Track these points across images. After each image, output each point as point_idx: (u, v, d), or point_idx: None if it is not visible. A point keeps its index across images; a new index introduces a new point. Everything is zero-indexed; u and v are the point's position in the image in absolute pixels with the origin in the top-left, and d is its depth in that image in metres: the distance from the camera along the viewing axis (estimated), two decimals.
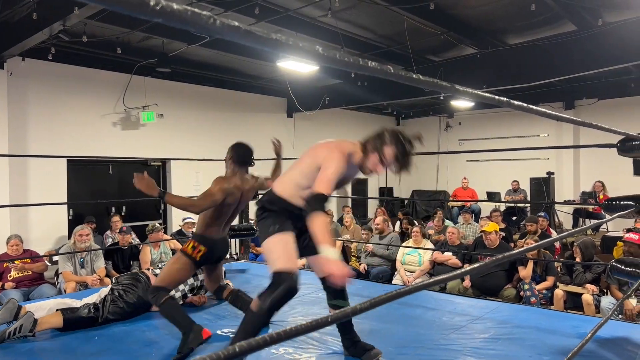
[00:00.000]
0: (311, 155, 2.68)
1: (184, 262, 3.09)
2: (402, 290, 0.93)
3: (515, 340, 3.05)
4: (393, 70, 0.85)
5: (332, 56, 0.74)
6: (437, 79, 4.68)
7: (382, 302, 0.88)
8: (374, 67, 0.81)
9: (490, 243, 5.44)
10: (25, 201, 6.91)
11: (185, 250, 3.11)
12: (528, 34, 7.38)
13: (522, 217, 10.11)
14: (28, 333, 2.98)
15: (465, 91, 1.05)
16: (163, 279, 3.02)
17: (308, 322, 0.76)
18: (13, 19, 5.82)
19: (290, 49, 0.70)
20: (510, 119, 12.32)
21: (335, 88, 9.86)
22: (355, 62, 0.77)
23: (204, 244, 3.11)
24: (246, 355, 0.66)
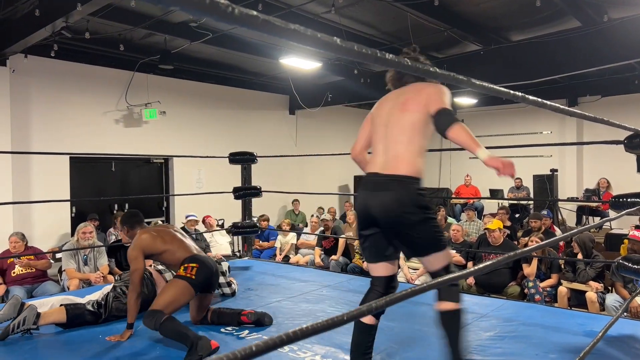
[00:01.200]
0: (412, 106, 2.24)
1: (181, 284, 2.95)
2: (417, 289, 0.92)
3: (521, 338, 3.03)
4: (410, 63, 0.83)
5: (350, 47, 0.73)
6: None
7: (397, 300, 0.86)
8: (391, 59, 0.80)
9: (495, 240, 5.42)
10: (28, 199, 6.92)
11: (179, 274, 3.00)
12: (532, 31, 7.35)
13: (525, 214, 10.09)
14: (32, 326, 2.99)
15: (481, 85, 1.03)
16: (160, 304, 2.86)
17: (325, 320, 0.74)
18: (15, 15, 5.81)
19: (308, 39, 0.68)
20: (513, 116, 12.29)
21: (338, 85, 9.84)
22: (372, 53, 0.76)
23: (193, 261, 3.02)
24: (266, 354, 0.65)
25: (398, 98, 2.34)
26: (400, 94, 2.36)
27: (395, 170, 2.19)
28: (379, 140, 2.33)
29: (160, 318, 2.74)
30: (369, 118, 2.45)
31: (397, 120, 2.27)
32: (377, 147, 2.34)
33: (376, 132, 2.36)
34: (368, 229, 2.29)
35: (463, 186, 11.68)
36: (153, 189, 8.85)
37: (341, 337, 3.03)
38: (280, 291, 4.25)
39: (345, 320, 0.73)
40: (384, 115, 2.34)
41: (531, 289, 5.10)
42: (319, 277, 4.91)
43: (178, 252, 3.08)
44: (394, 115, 2.29)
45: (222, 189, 6.01)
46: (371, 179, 2.28)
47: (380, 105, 2.41)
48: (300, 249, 7.74)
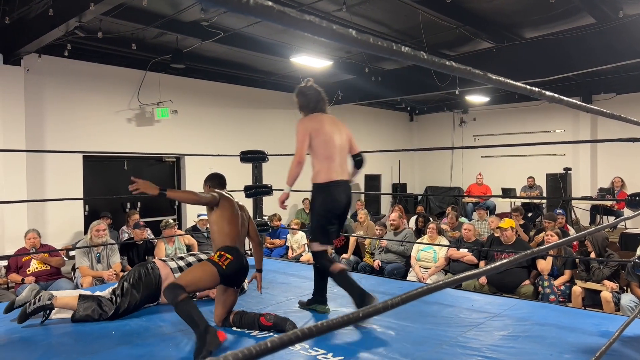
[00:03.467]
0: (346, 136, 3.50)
1: (209, 269, 2.97)
2: (432, 286, 0.90)
3: (535, 338, 3.00)
4: (426, 57, 0.82)
5: (365, 40, 0.71)
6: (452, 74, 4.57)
7: (413, 298, 0.85)
8: (408, 52, 0.78)
9: (507, 240, 5.37)
10: (42, 197, 6.99)
11: (212, 259, 3.04)
12: (545, 28, 7.26)
13: (538, 213, 9.99)
14: (47, 302, 3.15)
15: (497, 79, 1.01)
16: (184, 280, 2.90)
17: (340, 317, 0.73)
18: (29, 15, 5.87)
19: (323, 31, 0.67)
20: (526, 114, 12.18)
21: (348, 83, 9.82)
22: (388, 46, 0.74)
23: (230, 253, 3.04)
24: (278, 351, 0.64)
25: (335, 124, 3.38)
26: (333, 121, 3.39)
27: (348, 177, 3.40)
28: (337, 153, 3.29)
29: (179, 295, 2.76)
30: (309, 133, 3.22)
31: (344, 143, 3.38)
32: (336, 159, 3.27)
33: (330, 147, 3.26)
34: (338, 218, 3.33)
35: (475, 185, 11.60)
36: (165, 187, 8.87)
37: (353, 336, 3.02)
38: (291, 289, 4.25)
39: (361, 317, 0.72)
40: (332, 134, 3.28)
41: (545, 289, 5.05)
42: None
43: (227, 235, 3.10)
44: (339, 138, 3.33)
45: (234, 188, 6.01)
46: (342, 183, 3.29)
47: (322, 125, 3.27)
48: None
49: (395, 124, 14.00)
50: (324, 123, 3.27)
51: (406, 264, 6.23)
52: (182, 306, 2.76)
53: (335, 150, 3.25)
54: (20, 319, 3.17)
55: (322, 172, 3.23)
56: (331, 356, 2.73)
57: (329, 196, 3.23)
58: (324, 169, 3.23)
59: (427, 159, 14.33)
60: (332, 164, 3.22)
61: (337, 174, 3.22)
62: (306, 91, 3.42)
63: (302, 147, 3.19)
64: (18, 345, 2.89)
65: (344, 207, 3.29)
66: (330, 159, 3.22)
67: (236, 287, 3.21)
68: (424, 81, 8.51)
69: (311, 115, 3.35)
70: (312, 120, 3.30)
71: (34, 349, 2.82)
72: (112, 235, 6.89)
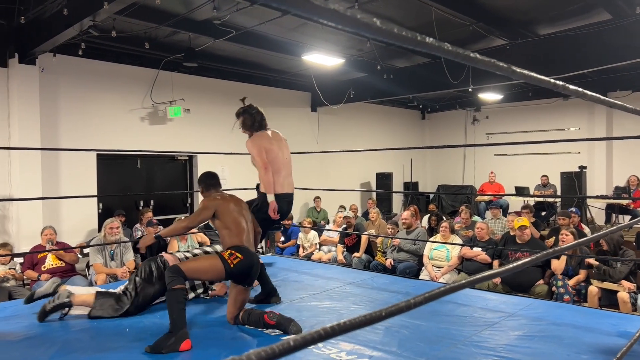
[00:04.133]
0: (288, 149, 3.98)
1: (217, 264, 3.03)
2: (455, 285, 0.89)
3: (551, 338, 2.96)
4: (450, 48, 0.80)
5: (390, 30, 0.70)
6: (465, 71, 4.60)
7: (436, 297, 0.84)
8: (432, 43, 0.76)
9: (522, 238, 5.31)
10: (57, 195, 7.07)
11: (222, 255, 3.09)
12: (560, 24, 7.16)
13: (552, 212, 9.88)
14: (65, 300, 3.23)
15: (521, 72, 0.99)
16: (187, 266, 3.00)
17: (362, 315, 0.72)
18: (44, 15, 5.92)
19: (347, 20, 0.65)
20: (540, 112, 12.04)
21: (360, 81, 9.78)
22: (413, 37, 0.73)
23: (241, 252, 3.08)
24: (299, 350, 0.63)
25: (279, 140, 3.84)
26: (276, 137, 3.84)
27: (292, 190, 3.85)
28: (283, 167, 3.73)
29: (176, 282, 2.88)
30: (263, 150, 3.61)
31: (288, 157, 3.83)
32: (282, 173, 3.70)
33: (277, 162, 3.68)
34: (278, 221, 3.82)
35: (487, 184, 11.50)
36: (178, 185, 8.95)
37: (366, 335, 3.00)
38: (303, 288, 4.25)
39: (384, 316, 0.70)
40: (277, 151, 3.71)
41: (560, 288, 4.98)
42: (342, 274, 4.89)
43: (235, 236, 3.15)
44: (283, 153, 3.78)
45: (245, 186, 6.03)
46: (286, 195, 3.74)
47: (270, 142, 3.69)
48: (323, 246, 7.73)
49: (407, 122, 13.93)
50: (271, 140, 3.70)
51: (418, 263, 6.19)
52: (173, 295, 2.87)
53: (281, 164, 3.68)
54: (40, 316, 3.23)
55: (270, 184, 3.62)
56: (344, 355, 2.72)
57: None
58: (271, 181, 3.63)
59: (439, 157, 14.24)
60: (278, 178, 3.65)
61: (282, 187, 3.67)
62: (251, 111, 3.76)
63: (262, 157, 3.59)
64: (35, 341, 2.92)
65: (284, 214, 3.78)
66: (277, 173, 3.64)
67: (247, 285, 3.22)
68: (437, 79, 8.44)
69: (258, 133, 3.70)
70: (261, 138, 3.67)
71: (50, 345, 2.84)
72: (125, 233, 6.94)
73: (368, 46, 7.60)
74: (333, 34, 7.32)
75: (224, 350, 2.84)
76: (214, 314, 3.47)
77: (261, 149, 3.59)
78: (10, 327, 3.16)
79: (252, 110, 3.75)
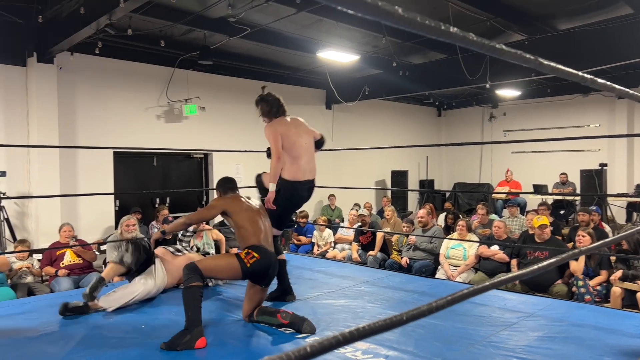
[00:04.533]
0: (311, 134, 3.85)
1: (233, 263, 3.05)
2: (478, 287, 0.85)
3: (572, 339, 2.89)
4: (475, 38, 0.76)
5: (412, 18, 0.66)
6: (482, 67, 4.51)
7: (460, 299, 0.80)
8: (456, 33, 0.73)
9: (541, 237, 5.22)
10: (74, 192, 7.15)
11: (239, 254, 3.10)
12: (580, 19, 7.02)
13: (571, 210, 9.71)
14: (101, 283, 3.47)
15: (549, 65, 0.95)
16: (204, 265, 3.03)
17: (383, 320, 0.69)
18: (62, 14, 5.98)
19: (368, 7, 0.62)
20: (558, 108, 11.84)
21: (375, 78, 9.71)
22: (436, 26, 0.69)
23: (258, 252, 3.08)
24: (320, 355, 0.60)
25: (299, 126, 3.72)
26: (297, 123, 3.73)
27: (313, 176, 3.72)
28: (303, 153, 3.62)
29: (193, 280, 2.90)
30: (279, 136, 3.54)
31: (309, 143, 3.71)
32: (302, 158, 3.60)
33: (297, 148, 3.58)
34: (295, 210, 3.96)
35: (504, 182, 11.35)
36: (193, 183, 9.00)
37: (382, 334, 2.97)
38: (318, 286, 4.23)
39: (405, 320, 0.67)
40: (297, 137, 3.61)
41: (580, 288, 4.87)
42: (357, 272, 4.86)
43: (252, 236, 3.16)
44: (304, 139, 3.66)
45: None
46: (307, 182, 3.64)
47: (288, 128, 3.60)
48: (338, 244, 7.70)
49: (422, 119, 13.81)
50: (289, 126, 3.64)
51: (435, 261, 6.12)
52: (190, 292, 2.89)
53: (301, 150, 3.62)
54: (61, 310, 3.31)
55: (290, 170, 3.58)
56: (360, 354, 2.69)
57: (295, 192, 3.60)
58: (292, 168, 3.58)
59: (455, 155, 14.09)
60: (299, 164, 3.59)
61: (303, 174, 3.61)
62: (267, 98, 3.72)
63: (278, 146, 3.53)
64: (53, 337, 2.94)
65: (304, 201, 3.76)
66: (297, 159, 3.59)
67: (264, 285, 3.20)
68: (453, 75, 8.34)
69: (276, 119, 3.67)
70: (279, 124, 3.63)
71: (67, 341, 2.86)
72: (142, 230, 6.99)
73: (383, 42, 7.52)
74: (348, 31, 7.27)
75: (239, 348, 2.83)
76: (229, 312, 3.47)
77: (277, 135, 3.54)
78: (29, 323, 3.19)
79: (268, 97, 3.72)
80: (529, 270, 0.98)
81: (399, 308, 3.52)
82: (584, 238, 5.04)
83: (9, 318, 3.27)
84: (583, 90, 10.88)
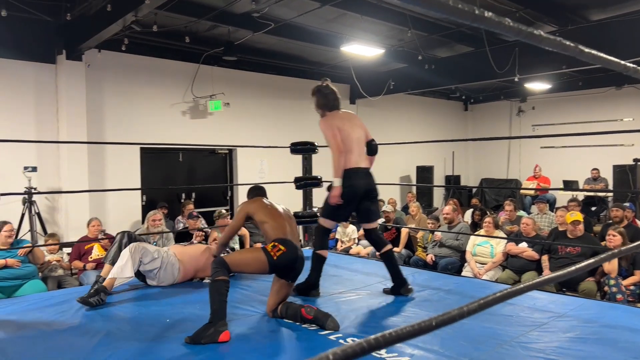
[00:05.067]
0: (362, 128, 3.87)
1: (260, 256, 3.06)
2: (512, 290, 0.80)
3: (605, 341, 2.78)
4: (512, 24, 0.71)
5: (445, 2, 0.62)
6: (511, 60, 4.37)
7: (492, 303, 0.75)
8: (491, 17, 0.68)
9: (574, 234, 5.06)
10: (102, 187, 7.28)
11: (266, 248, 3.11)
12: (613, 9, 6.77)
13: (603, 207, 9.43)
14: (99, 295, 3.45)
15: (589, 53, 0.89)
16: (231, 259, 3.06)
17: (411, 325, 0.65)
18: (89, 11, 6.07)
19: None
20: (590, 102, 11.49)
21: (400, 72, 9.59)
22: (470, 10, 0.64)
23: (284, 245, 3.08)
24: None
25: (351, 120, 3.76)
26: (349, 116, 3.80)
27: (368, 165, 3.72)
28: (356, 146, 3.61)
29: (219, 274, 2.90)
30: (336, 129, 3.54)
31: (361, 137, 3.71)
32: (355, 151, 3.59)
33: (349, 141, 3.57)
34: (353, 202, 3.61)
35: (532, 177, 11.09)
36: (218, 178, 9.07)
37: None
38: (342, 282, 4.19)
39: (434, 325, 0.63)
40: (350, 130, 3.62)
41: (612, 287, 4.72)
42: (381, 269, 4.77)
43: (277, 230, 3.18)
44: (356, 132, 3.68)
45: (284, 179, 6.02)
46: (361, 170, 3.61)
47: (342, 122, 3.62)
48: (362, 240, 7.64)
49: (449, 113, 13.60)
50: (343, 120, 3.64)
51: (461, 259, 6.02)
52: (215, 286, 2.89)
53: (354, 143, 3.59)
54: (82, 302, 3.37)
55: (343, 161, 3.55)
56: (384, 352, 2.64)
57: (347, 180, 3.50)
58: (344, 159, 3.54)
59: (482, 150, 13.84)
60: (352, 156, 3.56)
61: (356, 163, 3.56)
62: (324, 90, 3.69)
63: (336, 140, 3.50)
64: (80, 330, 2.99)
65: (363, 192, 3.59)
66: (349, 152, 3.55)
67: (290, 280, 3.19)
68: (481, 68, 8.16)
69: (330, 113, 3.66)
70: (333, 117, 3.63)
71: (94, 334, 2.90)
72: (167, 225, 7.08)
73: (409, 35, 7.41)
74: (373, 24, 7.19)
75: (262, 343, 2.82)
76: (253, 307, 3.46)
77: (335, 130, 3.52)
78: (58, 316, 3.25)
79: (325, 90, 3.68)
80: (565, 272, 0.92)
81: (425, 306, 3.45)
82: (615, 238, 4.87)
83: (38, 311, 3.34)
84: (616, 83, 10.53)
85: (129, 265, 3.58)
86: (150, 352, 2.66)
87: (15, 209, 6.15)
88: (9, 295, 4.30)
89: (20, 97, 6.70)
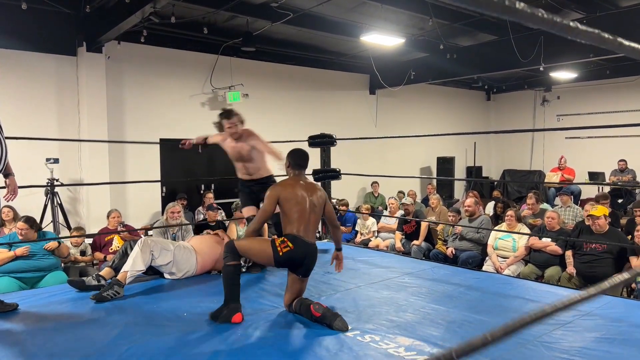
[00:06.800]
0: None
1: (267, 249, 3.06)
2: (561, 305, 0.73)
3: (632, 341, 2.68)
4: (546, 16, 0.64)
5: None
6: (536, 48, 4.21)
7: (518, 327, 0.69)
8: (523, 9, 0.61)
9: (599, 229, 4.91)
10: (123, 179, 7.35)
11: (275, 241, 3.09)
12: None
13: (630, 200, 9.14)
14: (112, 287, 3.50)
15: (630, 46, 0.81)
16: (240, 244, 3.11)
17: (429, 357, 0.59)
18: (109, 3, 6.09)
19: None
20: (618, 91, 11.14)
21: (421, 62, 9.43)
22: (499, 1, 0.58)
23: (293, 242, 3.06)
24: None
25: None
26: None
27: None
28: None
29: (230, 259, 3.02)
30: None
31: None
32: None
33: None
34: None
35: (556, 168, 10.82)
36: None
37: (425, 329, 2.86)
38: (359, 276, 4.14)
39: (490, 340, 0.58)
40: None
41: (639, 284, 4.57)
42: (400, 263, 4.74)
43: (293, 224, 3.13)
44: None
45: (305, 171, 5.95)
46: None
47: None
48: (381, 233, 7.57)
49: (470, 103, 13.35)
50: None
51: (482, 252, 5.91)
52: (227, 270, 3.03)
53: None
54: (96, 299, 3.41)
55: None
56: (403, 350, 2.59)
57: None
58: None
59: (505, 141, 13.57)
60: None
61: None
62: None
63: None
64: (97, 323, 3.01)
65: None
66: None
67: (301, 276, 3.16)
68: (504, 57, 7.96)
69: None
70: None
71: (112, 327, 2.91)
72: (187, 216, 7.11)
73: (430, 24, 7.25)
74: (393, 13, 7.05)
75: (277, 337, 2.79)
76: (271, 301, 3.44)
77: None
78: (77, 308, 3.28)
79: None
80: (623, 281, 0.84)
81: (444, 302, 3.38)
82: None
83: (58, 304, 3.37)
84: None
85: (139, 259, 3.60)
86: (167, 346, 2.66)
87: (38, 201, 6.25)
88: (32, 286, 4.37)
89: (42, 89, 6.78)
